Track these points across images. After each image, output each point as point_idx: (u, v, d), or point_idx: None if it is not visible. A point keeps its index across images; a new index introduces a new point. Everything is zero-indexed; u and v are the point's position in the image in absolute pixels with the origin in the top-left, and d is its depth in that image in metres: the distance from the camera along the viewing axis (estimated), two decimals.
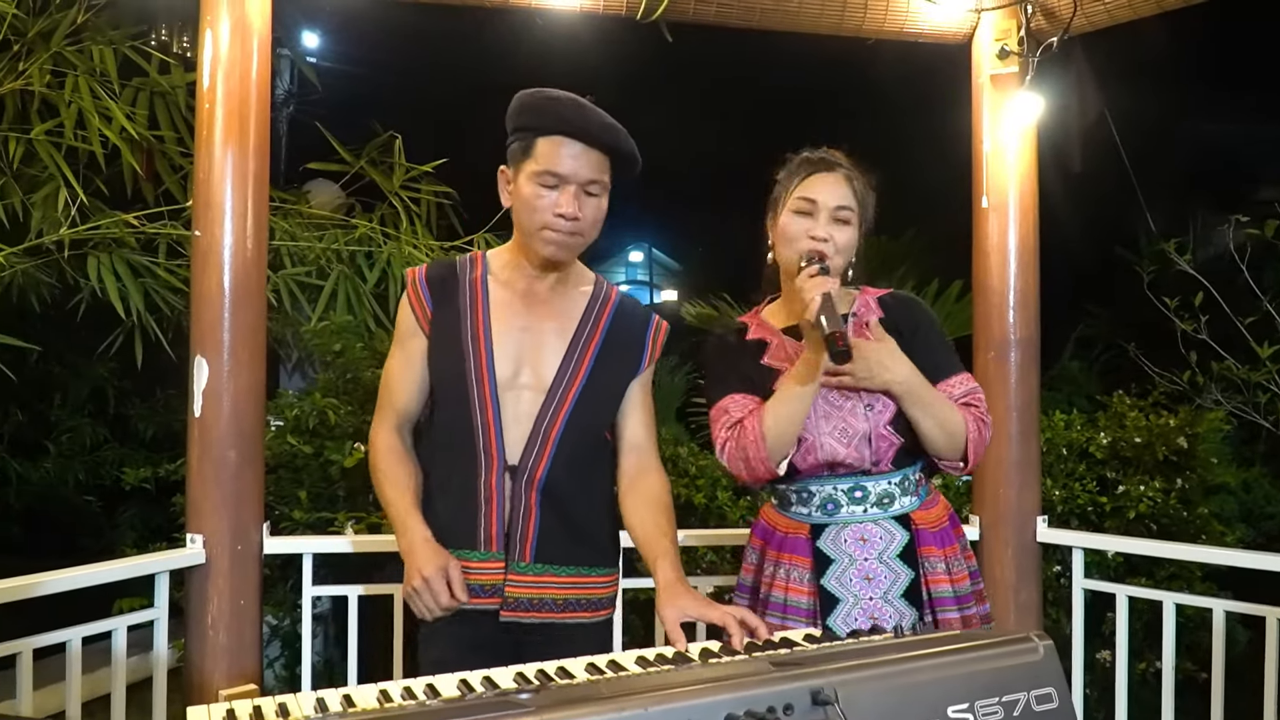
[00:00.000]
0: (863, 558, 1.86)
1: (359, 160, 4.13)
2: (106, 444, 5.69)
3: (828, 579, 1.86)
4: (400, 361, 1.92)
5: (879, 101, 8.28)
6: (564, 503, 1.85)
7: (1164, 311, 4.76)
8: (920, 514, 1.90)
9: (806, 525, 1.91)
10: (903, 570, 1.86)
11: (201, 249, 2.55)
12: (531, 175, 1.77)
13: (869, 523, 1.88)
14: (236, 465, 2.54)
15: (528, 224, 1.80)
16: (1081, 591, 2.91)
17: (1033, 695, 1.22)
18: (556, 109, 1.76)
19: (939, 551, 1.89)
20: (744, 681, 1.13)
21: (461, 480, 1.84)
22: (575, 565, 1.87)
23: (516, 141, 1.80)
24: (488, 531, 1.83)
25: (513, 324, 1.86)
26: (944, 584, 1.87)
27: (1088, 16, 2.86)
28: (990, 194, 2.95)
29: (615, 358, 1.90)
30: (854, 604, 1.84)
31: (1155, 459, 3.70)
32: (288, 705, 1.23)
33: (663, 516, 1.84)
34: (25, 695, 2.26)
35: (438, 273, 1.92)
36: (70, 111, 3.19)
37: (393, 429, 1.90)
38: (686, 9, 2.85)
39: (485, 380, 1.83)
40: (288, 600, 3.48)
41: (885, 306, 1.97)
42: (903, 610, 1.84)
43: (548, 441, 1.83)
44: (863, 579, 1.85)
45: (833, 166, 1.90)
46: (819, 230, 1.86)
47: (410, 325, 1.90)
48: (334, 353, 3.77)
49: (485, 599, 1.82)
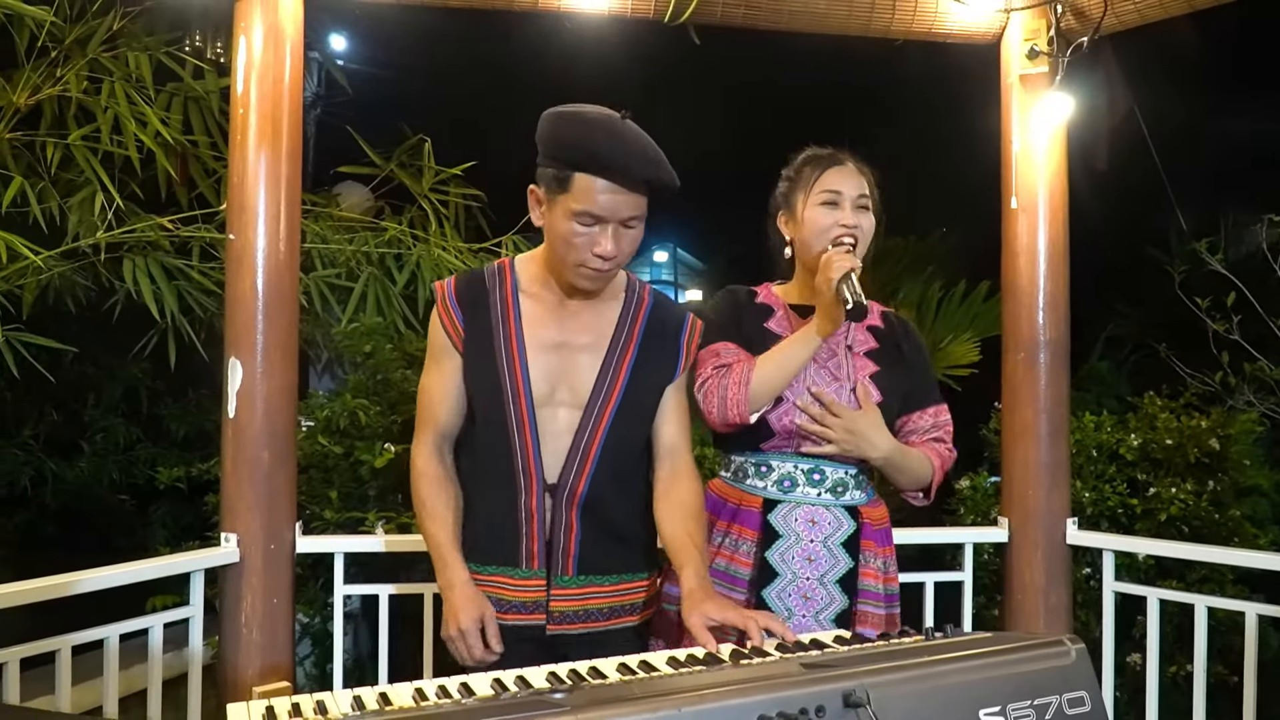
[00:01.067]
0: (809, 539, 1.95)
1: (389, 163, 4.16)
2: (140, 443, 5.75)
3: (772, 553, 1.95)
4: (436, 379, 1.88)
5: (907, 102, 8.24)
6: (604, 516, 1.85)
7: (1195, 312, 4.72)
8: (867, 509, 2.01)
9: (760, 499, 1.99)
10: (844, 558, 1.96)
11: (235, 252, 2.59)
12: (569, 213, 1.70)
13: (821, 506, 1.97)
14: (269, 466, 2.58)
15: (564, 258, 1.75)
16: (1112, 594, 2.90)
17: (1065, 699, 1.22)
18: (593, 146, 1.66)
19: (878, 549, 1.99)
20: (775, 683, 1.13)
21: (500, 499, 1.83)
22: (618, 574, 1.87)
23: (551, 169, 1.71)
24: (528, 549, 1.82)
25: (547, 340, 1.83)
26: (874, 579, 1.98)
27: (1118, 16, 2.84)
28: (1019, 195, 2.93)
29: (650, 368, 1.88)
30: (790, 580, 1.94)
31: (1187, 461, 3.67)
32: (325, 703, 1.25)
33: (693, 523, 1.84)
34: (64, 692, 2.30)
35: (468, 288, 1.87)
36: (107, 117, 3.23)
37: (433, 449, 1.88)
38: (714, 12, 2.85)
39: (522, 399, 1.80)
40: (318, 599, 3.51)
41: (886, 319, 2.10)
42: (834, 595, 1.94)
43: (587, 459, 1.82)
44: (804, 559, 1.95)
45: (844, 160, 2.02)
46: (847, 218, 1.96)
47: (443, 343, 1.87)
48: (364, 354, 3.81)
49: (528, 615, 1.83)
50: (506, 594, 1.83)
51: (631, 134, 1.69)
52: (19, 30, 3.16)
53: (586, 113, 1.71)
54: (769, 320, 2.06)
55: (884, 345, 2.05)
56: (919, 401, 2.05)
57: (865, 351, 2.03)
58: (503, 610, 1.82)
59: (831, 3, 2.88)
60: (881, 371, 2.01)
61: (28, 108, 3.24)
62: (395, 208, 4.43)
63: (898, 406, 2.02)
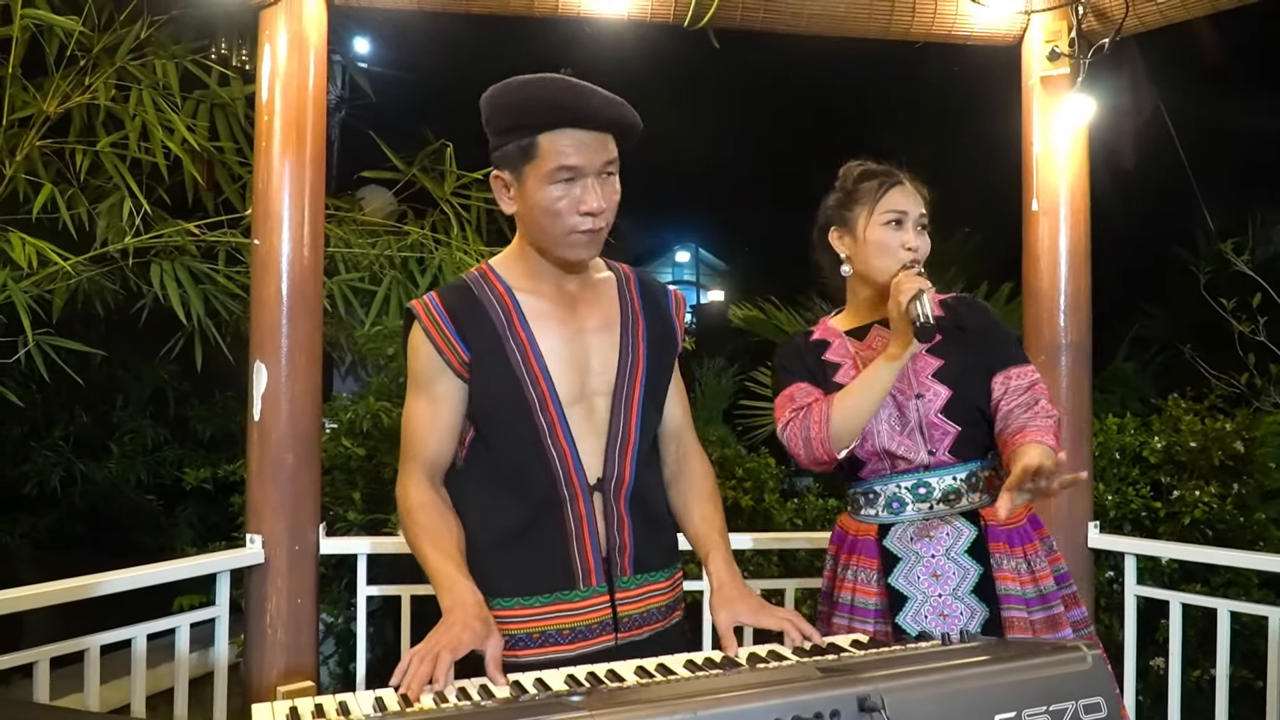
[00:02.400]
0: (929, 554, 1.88)
1: (411, 168, 4.20)
2: (167, 444, 5.83)
3: (895, 577, 1.89)
4: (424, 407, 1.69)
5: (928, 103, 8.21)
6: (646, 504, 1.74)
7: (1221, 312, 4.68)
8: (991, 510, 1.89)
9: (874, 526, 1.94)
10: (971, 566, 1.86)
11: (260, 257, 2.62)
12: (543, 176, 1.58)
13: (935, 519, 1.89)
14: (294, 467, 2.61)
15: (551, 229, 1.62)
16: (1134, 598, 2.88)
17: (1081, 705, 1.22)
18: (552, 98, 1.57)
19: (1009, 549, 1.88)
20: (791, 687, 1.15)
21: (544, 517, 1.67)
22: (665, 568, 1.76)
23: (511, 143, 1.60)
24: (584, 565, 1.66)
25: (558, 331, 1.69)
26: (1012, 582, 1.86)
27: (1140, 17, 2.82)
28: (1041, 197, 2.92)
29: (659, 340, 1.79)
30: (923, 601, 1.86)
31: (1211, 463, 3.64)
32: (348, 704, 1.27)
33: (710, 507, 1.79)
34: (93, 691, 2.34)
35: (456, 301, 1.69)
36: (134, 124, 3.28)
37: (424, 481, 1.68)
38: (733, 15, 2.86)
39: (549, 403, 1.65)
40: (342, 599, 3.55)
41: (947, 307, 2.00)
42: (973, 606, 1.84)
43: (628, 446, 1.70)
44: (930, 576, 1.87)
45: (903, 179, 1.98)
46: (911, 240, 1.93)
47: (434, 365, 1.67)
48: (387, 357, 3.84)
49: (594, 640, 1.66)
50: (568, 621, 1.65)
51: (580, 82, 1.60)
52: (49, 40, 3.22)
53: (522, 77, 1.62)
54: (826, 352, 2.02)
55: (946, 334, 1.93)
56: (1001, 363, 1.92)
57: (928, 350, 1.92)
58: (566, 641, 1.64)
59: (851, 5, 2.88)
60: (946, 365, 1.92)
61: (57, 115, 3.29)
62: (418, 212, 4.46)
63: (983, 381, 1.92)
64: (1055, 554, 1.96)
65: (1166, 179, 6.80)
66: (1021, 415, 1.85)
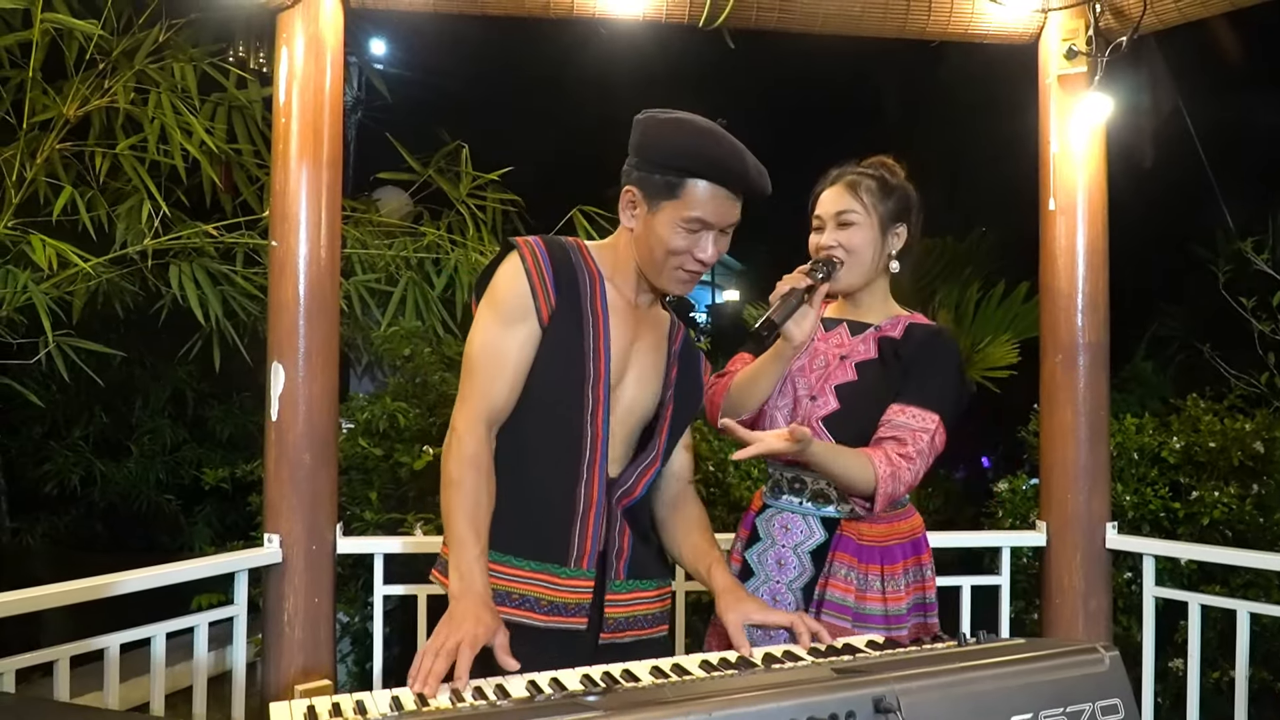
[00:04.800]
0: (781, 543, 1.99)
1: (427, 169, 4.21)
2: (185, 444, 5.87)
3: (750, 553, 2.03)
4: (508, 343, 1.69)
5: (944, 102, 8.17)
6: (642, 519, 1.83)
7: (1241, 311, 4.64)
8: (852, 523, 1.92)
9: (762, 503, 2.07)
10: (809, 566, 1.96)
11: (278, 259, 2.64)
12: (679, 220, 1.66)
13: (798, 514, 1.99)
14: (311, 468, 2.62)
15: (661, 262, 1.71)
16: (1152, 599, 2.86)
17: (1098, 706, 1.22)
18: (719, 156, 1.66)
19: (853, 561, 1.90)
20: (807, 688, 1.15)
21: (560, 490, 1.71)
22: (656, 578, 1.83)
23: (659, 175, 1.66)
24: (581, 548, 1.71)
25: (625, 336, 1.77)
26: (841, 591, 1.89)
27: (1158, 15, 2.80)
28: (1058, 196, 2.91)
29: (686, 393, 1.88)
30: (763, 581, 1.99)
31: (1230, 464, 3.61)
32: (365, 703, 1.28)
33: (707, 536, 1.88)
34: (112, 689, 2.36)
35: (559, 255, 1.74)
36: (153, 127, 3.30)
37: (483, 434, 1.67)
38: (749, 16, 2.86)
39: (601, 388, 1.72)
40: (359, 598, 3.56)
41: (909, 332, 1.99)
42: (799, 602, 1.95)
43: (650, 467, 1.80)
44: (775, 562, 1.99)
45: (836, 179, 2.02)
46: (824, 239, 1.98)
47: (525, 306, 1.69)
48: (403, 357, 3.86)
49: (568, 617, 1.71)
50: (548, 593, 1.69)
51: (738, 143, 1.69)
52: (68, 43, 3.24)
53: (696, 120, 1.70)
54: None
55: (881, 356, 1.96)
56: (905, 397, 1.89)
57: (857, 362, 1.96)
58: (541, 611, 1.69)
59: (867, 5, 2.87)
60: (857, 383, 1.94)
61: (77, 119, 3.32)
62: (434, 212, 4.48)
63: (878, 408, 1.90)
64: (926, 582, 1.98)
65: (1186, 177, 6.75)
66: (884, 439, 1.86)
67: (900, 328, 1.99)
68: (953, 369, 1.97)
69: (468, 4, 2.80)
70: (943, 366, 1.95)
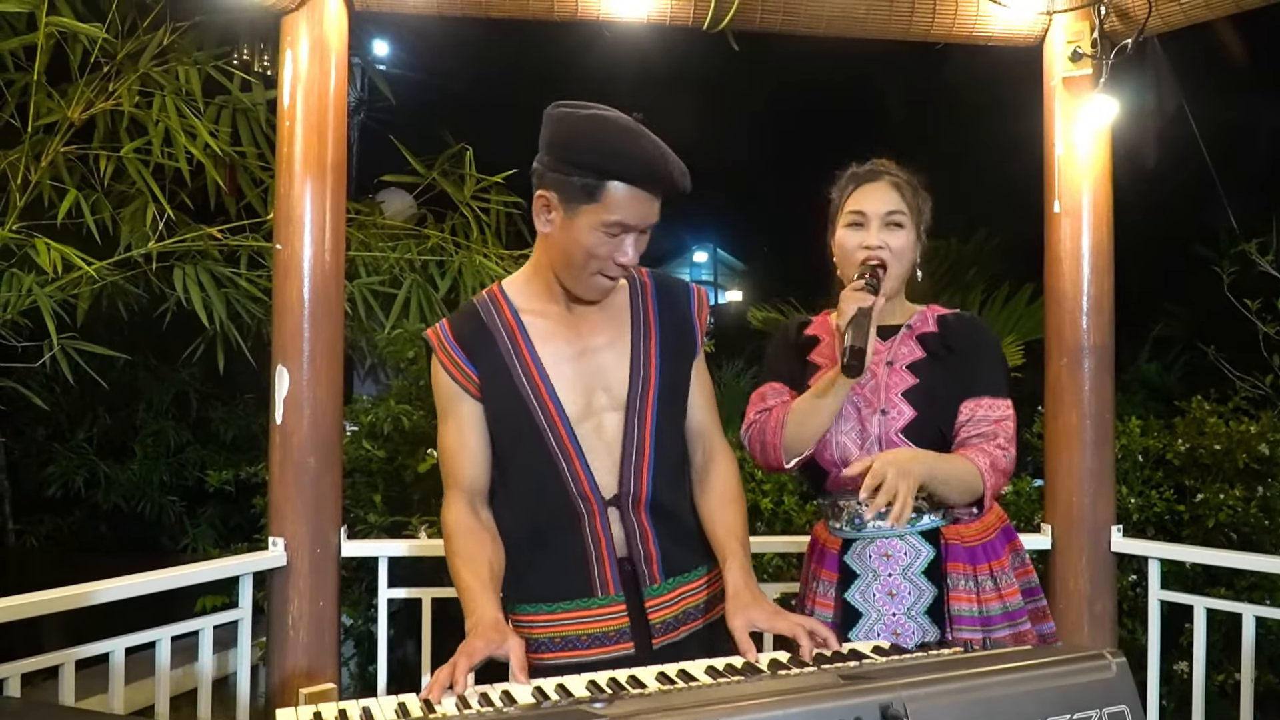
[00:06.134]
0: (886, 573, 1.87)
1: (431, 172, 4.22)
2: (189, 446, 5.87)
3: (851, 593, 1.88)
4: (453, 432, 1.76)
5: (949, 103, 8.18)
6: (672, 513, 1.78)
7: (1245, 313, 4.64)
8: (953, 528, 1.88)
9: (840, 540, 1.93)
10: (927, 587, 1.85)
11: (282, 262, 2.64)
12: (599, 225, 1.60)
13: (895, 538, 1.88)
14: (316, 471, 2.62)
15: (579, 265, 1.65)
16: (1157, 602, 2.86)
17: (1105, 713, 1.21)
18: (641, 157, 1.58)
19: (969, 568, 1.86)
20: (813, 695, 1.14)
21: (562, 530, 1.72)
22: (701, 566, 1.80)
23: (575, 177, 1.59)
24: (602, 576, 1.71)
25: (565, 352, 1.74)
26: (966, 603, 1.84)
27: (1163, 17, 2.79)
28: (1063, 198, 2.90)
29: (675, 348, 1.80)
30: (876, 619, 1.86)
31: (1235, 466, 3.60)
32: (371, 710, 1.28)
33: (732, 512, 1.79)
34: (118, 692, 2.36)
35: (463, 327, 1.76)
36: (158, 130, 3.31)
37: (464, 505, 1.74)
38: (753, 18, 2.85)
39: (558, 422, 1.70)
40: (363, 601, 3.56)
41: (944, 324, 1.96)
42: (925, 627, 1.84)
43: (643, 460, 1.73)
44: (886, 594, 1.86)
45: (878, 176, 1.93)
46: (871, 239, 1.89)
47: (453, 392, 1.75)
48: (407, 360, 3.86)
49: (611, 646, 1.71)
50: (585, 628, 1.71)
51: (658, 140, 1.61)
52: (73, 47, 3.25)
53: (613, 116, 1.61)
54: (812, 352, 2.00)
55: (932, 353, 1.91)
56: (975, 390, 1.87)
57: (908, 365, 1.91)
58: (584, 646, 1.71)
59: (871, 7, 2.87)
60: (921, 385, 1.88)
61: (81, 122, 3.32)
62: (438, 215, 4.48)
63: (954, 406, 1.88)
64: (1027, 567, 1.95)
65: (1190, 178, 6.74)
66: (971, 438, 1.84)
67: (931, 321, 1.97)
68: (1000, 351, 1.98)
69: (472, 6, 2.80)
70: (992, 351, 1.96)
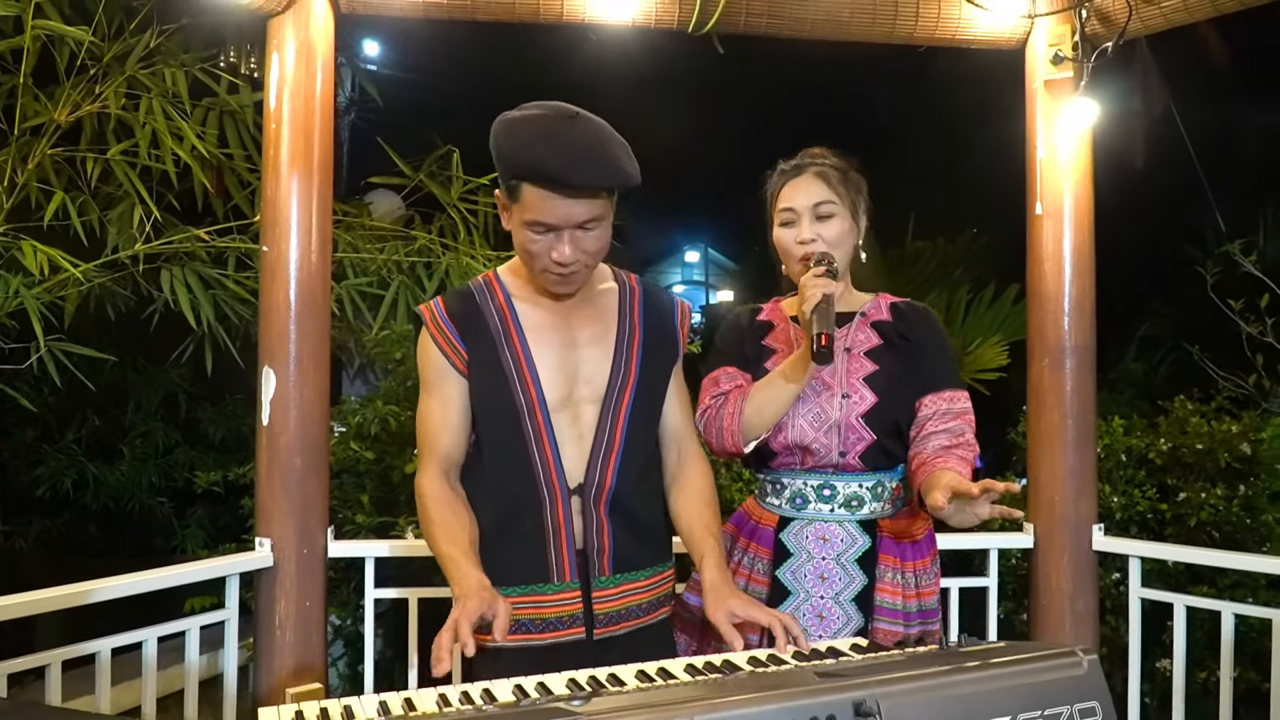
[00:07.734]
0: (820, 556, 1.91)
1: (418, 174, 4.22)
2: (178, 447, 5.86)
3: (783, 571, 1.93)
4: (436, 406, 1.80)
5: (934, 105, 8.21)
6: (630, 511, 1.82)
7: (1229, 313, 4.68)
8: (890, 522, 1.93)
9: (776, 517, 1.96)
10: (858, 574, 1.90)
11: (269, 264, 2.65)
12: (524, 224, 1.66)
13: (833, 523, 1.92)
14: (303, 472, 2.64)
15: (529, 264, 1.73)
16: (1138, 601, 2.88)
17: (1076, 709, 1.23)
18: (531, 156, 1.59)
19: (898, 563, 1.91)
20: (788, 692, 1.16)
21: (525, 514, 1.78)
22: (650, 566, 1.85)
23: (506, 181, 1.66)
24: (559, 562, 1.77)
25: (552, 340, 1.79)
26: (891, 596, 1.89)
27: (1143, 21, 2.82)
28: (1045, 200, 2.93)
29: (656, 353, 1.86)
30: (804, 599, 1.90)
31: (1218, 465, 3.63)
32: (352, 708, 1.29)
33: (708, 512, 1.84)
34: (104, 693, 2.37)
35: (458, 306, 1.81)
36: (145, 132, 3.31)
37: (439, 474, 1.78)
38: (738, 21, 2.87)
39: (536, 407, 1.75)
40: (351, 601, 3.57)
41: (897, 312, 2.01)
42: (850, 614, 1.89)
43: (611, 454, 1.79)
44: (817, 577, 1.91)
45: (802, 169, 1.96)
46: (804, 233, 1.92)
47: (440, 366, 1.80)
48: (395, 361, 3.86)
49: (564, 631, 1.78)
50: (539, 613, 1.77)
51: (578, 136, 1.60)
52: (59, 49, 3.24)
53: (531, 119, 1.63)
54: (767, 336, 2.05)
55: (888, 340, 1.96)
56: (935, 384, 1.92)
57: (866, 351, 1.95)
58: (537, 630, 1.77)
59: (855, 10, 2.89)
60: (880, 371, 1.92)
61: (68, 124, 3.32)
62: (425, 216, 4.49)
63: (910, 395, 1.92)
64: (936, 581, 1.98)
65: (1176, 179, 6.78)
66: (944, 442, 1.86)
67: (884, 309, 2.01)
68: (948, 339, 2.03)
69: (458, 9, 2.81)
70: (945, 342, 2.00)
